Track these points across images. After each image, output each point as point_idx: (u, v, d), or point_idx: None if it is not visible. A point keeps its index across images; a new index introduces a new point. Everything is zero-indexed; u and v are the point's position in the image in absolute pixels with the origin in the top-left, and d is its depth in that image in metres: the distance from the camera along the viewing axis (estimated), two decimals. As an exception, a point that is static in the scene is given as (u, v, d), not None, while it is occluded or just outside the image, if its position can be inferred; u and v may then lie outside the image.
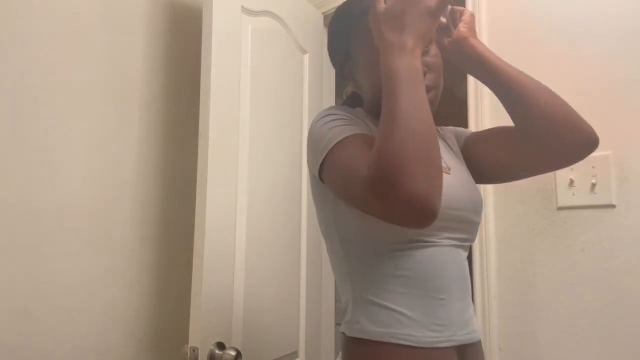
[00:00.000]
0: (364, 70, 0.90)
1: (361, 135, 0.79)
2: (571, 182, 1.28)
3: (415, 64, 0.72)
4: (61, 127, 1.31)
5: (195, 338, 1.23)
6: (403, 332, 0.79)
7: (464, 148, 0.99)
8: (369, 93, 0.91)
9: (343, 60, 0.96)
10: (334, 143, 0.78)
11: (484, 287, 1.39)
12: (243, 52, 1.47)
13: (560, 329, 1.26)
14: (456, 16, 0.92)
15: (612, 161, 1.23)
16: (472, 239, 0.90)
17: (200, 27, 1.38)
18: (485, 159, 0.96)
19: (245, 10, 1.48)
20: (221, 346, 1.26)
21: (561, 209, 1.30)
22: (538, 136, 0.87)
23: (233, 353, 1.21)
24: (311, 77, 1.78)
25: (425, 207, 0.66)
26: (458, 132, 1.03)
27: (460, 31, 0.90)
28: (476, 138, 1.00)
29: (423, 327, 0.79)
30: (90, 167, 1.36)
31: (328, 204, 0.88)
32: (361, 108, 0.97)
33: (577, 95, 0.89)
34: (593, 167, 1.24)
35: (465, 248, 0.89)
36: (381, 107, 0.73)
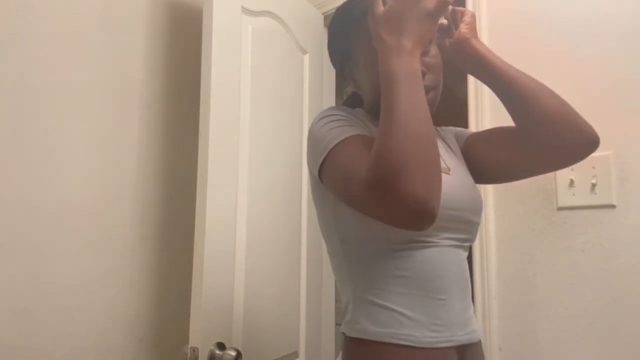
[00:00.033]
0: (364, 70, 0.90)
1: (361, 136, 0.79)
2: (571, 182, 1.28)
3: (413, 66, 0.72)
4: (61, 127, 1.31)
5: (195, 338, 1.23)
6: (403, 332, 0.79)
7: (464, 148, 0.99)
8: (369, 93, 0.91)
9: (343, 60, 0.96)
10: (334, 144, 0.78)
11: (484, 287, 1.39)
12: (243, 52, 1.47)
13: (560, 329, 1.26)
14: (457, 17, 0.92)
15: (612, 161, 1.23)
16: (472, 239, 0.90)
17: (200, 27, 1.38)
18: (485, 159, 0.96)
19: (245, 10, 1.48)
20: (221, 346, 1.26)
21: (561, 209, 1.30)
22: (538, 136, 0.87)
23: (233, 353, 1.21)
24: (311, 77, 1.78)
25: (423, 209, 0.65)
26: (458, 132, 1.03)
27: (461, 32, 0.90)
28: (476, 138, 1.00)
29: (423, 327, 0.79)
30: (90, 167, 1.37)
31: (328, 205, 0.88)
32: (361, 108, 0.97)
33: (577, 95, 0.89)
34: (593, 167, 1.24)
35: (465, 248, 0.89)
36: (381, 106, 0.73)
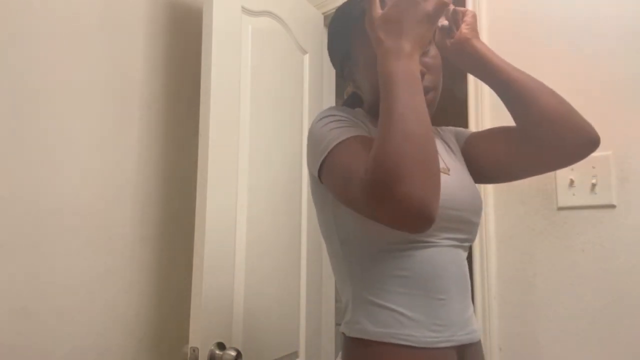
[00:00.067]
0: (364, 70, 0.90)
1: (360, 137, 0.79)
2: (571, 182, 1.28)
3: (412, 68, 0.72)
4: (61, 127, 1.31)
5: (195, 338, 1.23)
6: (403, 332, 0.79)
7: (464, 148, 0.99)
8: (369, 93, 0.91)
9: (343, 60, 0.96)
10: (334, 144, 0.78)
11: (484, 287, 1.39)
12: (243, 52, 1.47)
13: (560, 329, 1.26)
14: (458, 17, 0.91)
15: (612, 161, 1.23)
16: (472, 239, 0.90)
17: (200, 27, 1.38)
18: (485, 159, 0.96)
19: (245, 10, 1.48)
20: (221, 346, 1.26)
21: (561, 209, 1.30)
22: (538, 136, 0.87)
23: (233, 353, 1.21)
24: (311, 77, 1.78)
25: (422, 212, 0.65)
26: (458, 132, 1.03)
27: (462, 32, 0.90)
28: (476, 138, 1.00)
29: (423, 327, 0.79)
30: (90, 167, 1.37)
31: (328, 205, 0.88)
32: (361, 108, 0.97)
33: (577, 95, 0.89)
34: (593, 167, 1.24)
35: (464, 248, 0.89)
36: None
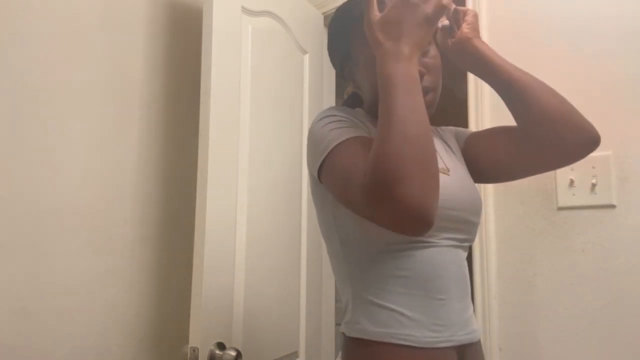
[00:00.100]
0: (364, 70, 0.89)
1: (360, 137, 0.79)
2: (571, 182, 1.28)
3: (411, 71, 0.72)
4: (61, 127, 1.31)
5: (195, 338, 1.23)
6: (403, 332, 0.79)
7: (464, 148, 0.99)
8: (369, 93, 0.91)
9: (343, 60, 0.96)
10: (334, 145, 0.78)
11: (484, 287, 1.39)
12: (243, 52, 1.47)
13: (560, 329, 1.26)
14: (459, 16, 0.91)
15: (612, 161, 1.23)
16: (472, 239, 0.90)
17: (200, 27, 1.38)
18: (485, 159, 0.96)
19: (245, 10, 1.48)
20: (221, 346, 1.26)
21: (561, 209, 1.30)
22: (538, 135, 0.87)
23: (233, 353, 1.21)
24: (311, 77, 1.78)
25: (421, 215, 0.66)
26: (458, 132, 1.03)
27: (463, 31, 0.90)
28: (476, 137, 1.00)
29: (423, 327, 0.79)
30: (90, 167, 1.37)
31: (328, 205, 0.88)
32: (361, 108, 0.97)
33: (577, 95, 0.89)
34: (593, 167, 1.24)
35: (464, 248, 0.89)
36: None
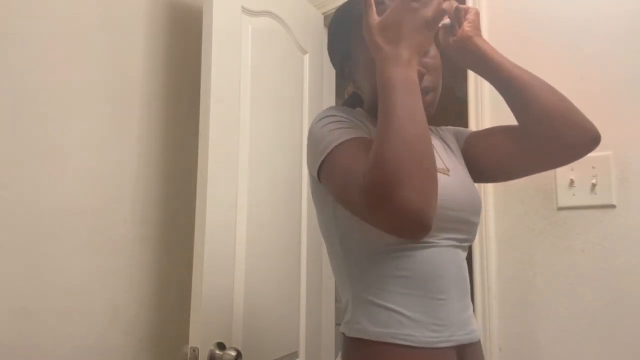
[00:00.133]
0: (364, 70, 0.89)
1: (360, 138, 0.79)
2: (571, 182, 1.28)
3: (411, 76, 0.72)
4: (61, 127, 1.31)
5: (195, 338, 1.23)
6: (403, 332, 0.79)
7: (464, 147, 0.99)
8: (369, 93, 0.91)
9: (343, 60, 0.96)
10: (333, 146, 0.78)
11: (484, 287, 1.39)
12: (243, 52, 1.47)
13: (560, 329, 1.26)
14: (460, 14, 0.91)
15: (612, 161, 1.23)
16: (471, 239, 0.90)
17: (200, 27, 1.38)
18: (485, 158, 0.96)
19: (245, 10, 1.48)
20: (221, 346, 1.26)
21: (561, 209, 1.30)
22: (539, 133, 0.87)
23: (233, 353, 1.21)
24: (311, 77, 1.78)
25: (419, 219, 0.66)
26: (458, 132, 1.03)
27: (464, 30, 0.90)
28: (476, 137, 1.00)
29: (423, 327, 0.79)
30: (90, 167, 1.37)
31: (328, 205, 0.88)
32: (361, 108, 0.97)
33: (577, 95, 0.89)
34: (593, 167, 1.24)
35: (464, 248, 0.89)
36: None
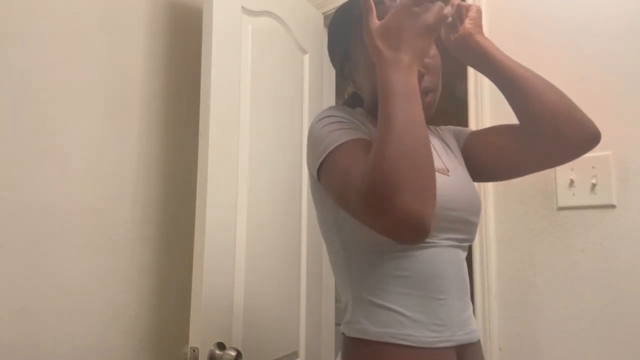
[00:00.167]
0: (364, 70, 0.89)
1: (360, 140, 0.79)
2: (571, 182, 1.28)
3: (411, 81, 0.72)
4: (61, 127, 1.31)
5: (195, 338, 1.23)
6: (403, 332, 0.79)
7: (464, 147, 0.99)
8: (368, 93, 0.91)
9: (343, 60, 0.96)
10: (333, 146, 0.78)
11: (484, 287, 1.39)
12: (243, 52, 1.47)
13: (560, 329, 1.26)
14: (462, 12, 0.91)
15: (612, 161, 1.23)
16: (471, 239, 0.90)
17: (200, 27, 1.38)
18: (485, 157, 0.96)
19: (245, 10, 1.48)
20: (221, 346, 1.26)
21: (561, 209, 1.30)
22: (540, 131, 0.87)
23: (233, 353, 1.21)
24: (311, 77, 1.78)
25: (416, 225, 0.66)
26: (458, 132, 1.03)
27: (465, 27, 0.90)
28: (476, 136, 1.00)
29: (423, 327, 0.79)
30: (90, 167, 1.36)
31: (328, 205, 0.88)
32: (361, 108, 0.97)
33: (577, 95, 0.89)
34: (593, 167, 1.24)
35: (463, 248, 0.89)
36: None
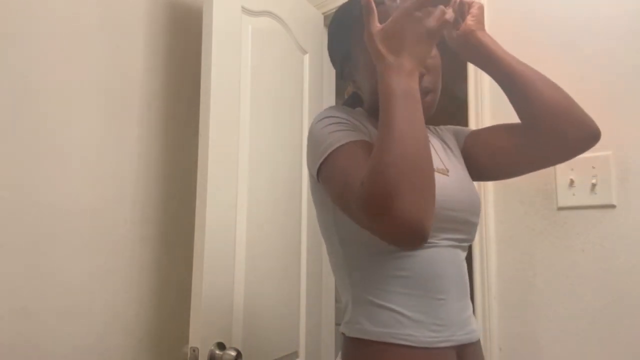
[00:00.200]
0: (364, 70, 0.89)
1: (360, 142, 0.79)
2: (571, 182, 1.28)
3: (412, 86, 0.72)
4: (61, 127, 1.31)
5: (195, 338, 1.23)
6: (403, 332, 0.79)
7: (464, 147, 0.99)
8: (368, 93, 0.91)
9: (343, 60, 0.96)
10: (333, 148, 0.78)
11: (484, 287, 1.39)
12: (243, 52, 1.47)
13: (560, 329, 1.26)
14: (464, 9, 0.91)
15: (612, 161, 1.23)
16: (471, 239, 0.90)
17: (200, 27, 1.38)
18: (485, 157, 0.96)
19: (245, 10, 1.48)
20: (221, 346, 1.26)
21: (561, 209, 1.30)
22: (540, 129, 0.88)
23: (233, 353, 1.21)
24: (311, 77, 1.78)
25: (415, 231, 0.66)
26: (457, 131, 1.03)
27: (467, 24, 0.90)
28: (476, 136, 1.00)
29: (423, 327, 0.79)
30: (90, 167, 1.36)
31: (327, 205, 0.88)
32: (361, 108, 0.97)
33: (577, 95, 0.89)
34: (593, 167, 1.24)
35: (463, 248, 0.89)
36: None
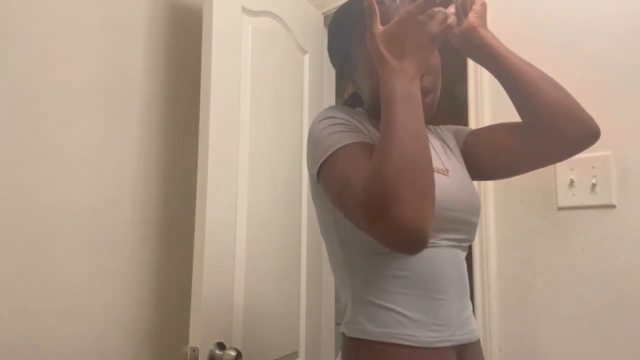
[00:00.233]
0: (364, 70, 0.89)
1: (360, 143, 0.79)
2: (571, 182, 1.28)
3: (414, 91, 0.72)
4: (61, 127, 1.31)
5: (195, 338, 1.23)
6: (403, 332, 0.79)
7: (464, 146, 0.99)
8: (368, 93, 0.91)
9: (343, 60, 0.96)
10: (334, 149, 0.78)
11: (484, 287, 1.39)
12: (243, 52, 1.47)
13: (560, 329, 1.26)
14: (467, 5, 0.91)
15: (612, 161, 1.23)
16: (471, 239, 0.90)
17: (200, 27, 1.38)
18: (485, 156, 0.96)
19: (245, 10, 1.48)
20: (221, 346, 1.26)
21: (561, 209, 1.30)
22: (540, 127, 0.88)
23: (233, 353, 1.21)
24: (311, 77, 1.78)
25: (414, 236, 0.66)
26: (457, 131, 1.03)
27: (470, 20, 0.90)
28: (476, 135, 1.00)
29: (422, 327, 0.79)
30: (90, 167, 1.36)
31: (327, 206, 0.87)
32: (361, 108, 0.97)
33: (577, 95, 0.89)
34: (593, 167, 1.24)
35: (463, 248, 0.89)
36: (380, 108, 0.73)
